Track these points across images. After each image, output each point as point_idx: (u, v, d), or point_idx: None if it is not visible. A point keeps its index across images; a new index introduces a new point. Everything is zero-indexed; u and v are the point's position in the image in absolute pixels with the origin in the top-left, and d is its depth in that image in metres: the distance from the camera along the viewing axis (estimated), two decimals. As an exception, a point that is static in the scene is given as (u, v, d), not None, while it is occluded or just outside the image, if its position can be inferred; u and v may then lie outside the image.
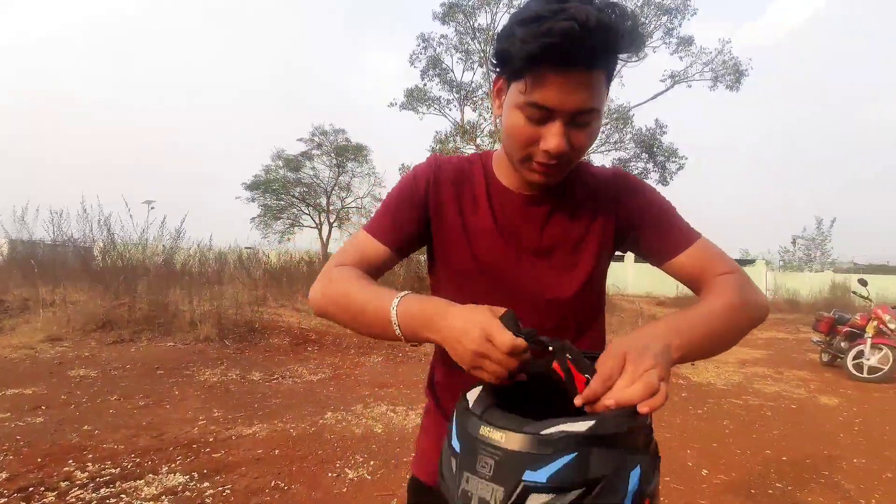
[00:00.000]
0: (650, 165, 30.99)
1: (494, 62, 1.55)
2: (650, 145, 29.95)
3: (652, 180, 29.43)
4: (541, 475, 1.14)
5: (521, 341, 1.36)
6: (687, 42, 27.66)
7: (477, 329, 1.39)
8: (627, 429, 1.22)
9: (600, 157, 31.04)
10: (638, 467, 1.21)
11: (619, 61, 1.54)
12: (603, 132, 29.43)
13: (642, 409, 1.27)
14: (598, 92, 1.50)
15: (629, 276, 37.73)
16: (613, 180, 1.81)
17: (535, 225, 1.76)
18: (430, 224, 1.80)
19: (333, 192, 40.22)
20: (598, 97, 1.50)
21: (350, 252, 1.76)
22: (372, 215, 1.83)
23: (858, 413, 8.40)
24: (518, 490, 1.15)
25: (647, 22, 26.68)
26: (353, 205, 41.59)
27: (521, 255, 1.76)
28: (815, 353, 14.02)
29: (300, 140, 38.04)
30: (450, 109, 30.95)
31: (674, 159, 30.24)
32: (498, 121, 1.84)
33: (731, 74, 28.60)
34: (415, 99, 31.15)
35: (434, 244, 1.82)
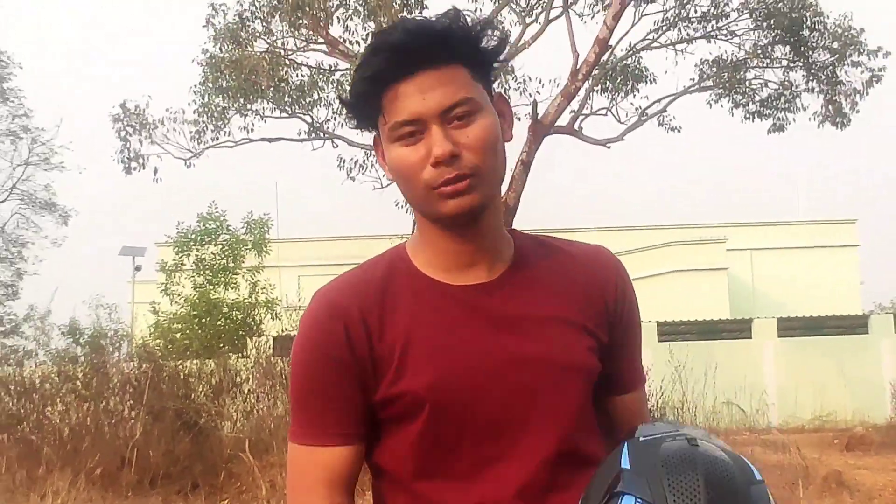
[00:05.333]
0: (799, 73, 18.25)
1: (359, 125, 1.59)
2: (795, 22, 17.19)
3: (808, 113, 18.17)
4: None
5: None
6: None
7: None
8: None
9: (663, 59, 18.63)
10: None
11: (485, 55, 1.52)
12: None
13: None
14: (460, 84, 1.46)
15: (769, 376, 23.69)
16: (604, 262, 1.65)
17: (497, 322, 1.52)
18: (367, 384, 1.52)
19: None
20: (463, 88, 1.46)
21: (310, 480, 1.52)
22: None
23: None
24: None
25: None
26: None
27: (490, 366, 1.50)
28: None
29: None
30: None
31: (854, 53, 17.54)
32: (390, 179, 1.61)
33: None
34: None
35: (378, 401, 1.51)
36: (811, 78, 17.54)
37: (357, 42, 17.05)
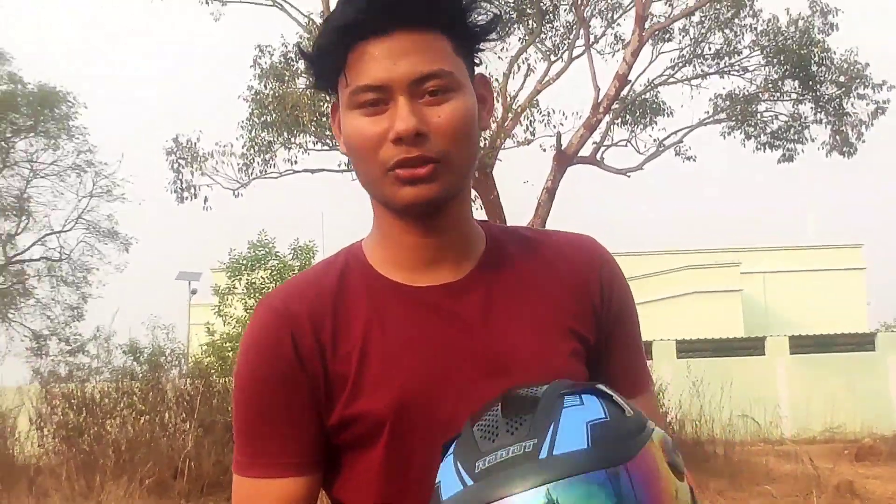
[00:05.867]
0: (808, 106, 18.77)
1: (319, 84, 1.36)
2: (804, 58, 17.77)
3: (816, 143, 18.92)
4: None
5: None
6: None
7: None
8: None
9: (680, 93, 18.81)
10: None
11: (472, 28, 1.30)
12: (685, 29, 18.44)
13: None
14: (437, 54, 1.24)
15: (782, 390, 23.89)
16: (588, 251, 1.43)
17: (466, 327, 1.29)
18: (321, 405, 1.29)
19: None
20: (441, 59, 1.24)
21: None
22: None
23: None
24: None
25: None
26: (40, 254, 27.68)
27: (460, 377, 1.26)
28: None
29: None
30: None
31: (860, 86, 18.01)
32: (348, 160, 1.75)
33: None
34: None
35: (334, 425, 1.28)
36: (819, 110, 17.81)
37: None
